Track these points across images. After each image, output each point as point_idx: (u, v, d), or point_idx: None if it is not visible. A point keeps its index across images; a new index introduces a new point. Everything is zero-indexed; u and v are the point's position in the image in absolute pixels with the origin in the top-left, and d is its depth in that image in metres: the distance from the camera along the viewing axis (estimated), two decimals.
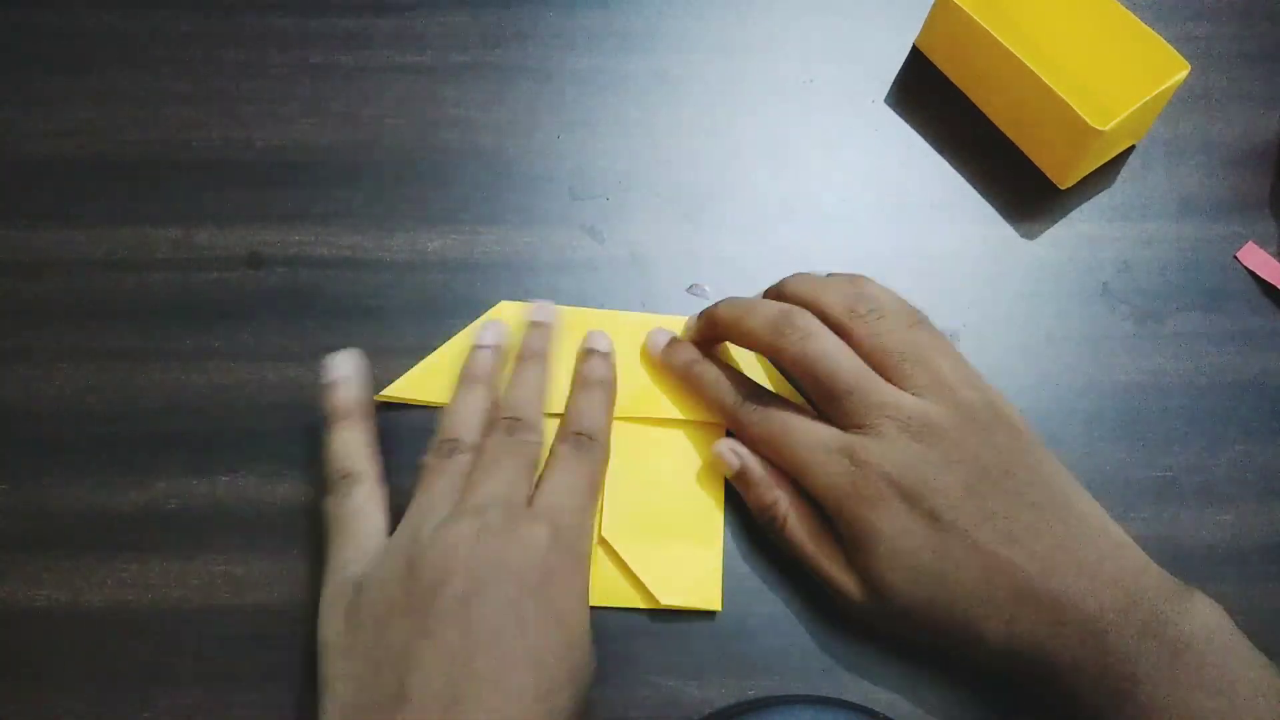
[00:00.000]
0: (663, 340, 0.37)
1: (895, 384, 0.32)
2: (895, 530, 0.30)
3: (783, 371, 0.36)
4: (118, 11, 0.43)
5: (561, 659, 0.28)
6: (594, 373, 0.36)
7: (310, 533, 0.35)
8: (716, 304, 0.36)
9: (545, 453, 0.34)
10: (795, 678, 0.34)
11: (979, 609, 0.30)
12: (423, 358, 0.37)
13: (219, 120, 0.41)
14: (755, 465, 0.34)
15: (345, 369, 0.34)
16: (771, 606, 0.34)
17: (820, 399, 0.33)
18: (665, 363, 0.37)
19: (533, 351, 0.36)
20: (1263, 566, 0.36)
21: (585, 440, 0.33)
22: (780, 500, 0.33)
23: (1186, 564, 0.36)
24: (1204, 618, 0.28)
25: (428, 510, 0.30)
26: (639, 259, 0.40)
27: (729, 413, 0.35)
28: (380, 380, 0.37)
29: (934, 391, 0.32)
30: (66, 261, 0.39)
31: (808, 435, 0.32)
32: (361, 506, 0.32)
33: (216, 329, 0.38)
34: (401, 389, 0.36)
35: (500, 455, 0.32)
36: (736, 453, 0.34)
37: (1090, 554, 0.29)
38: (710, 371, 0.35)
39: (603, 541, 0.35)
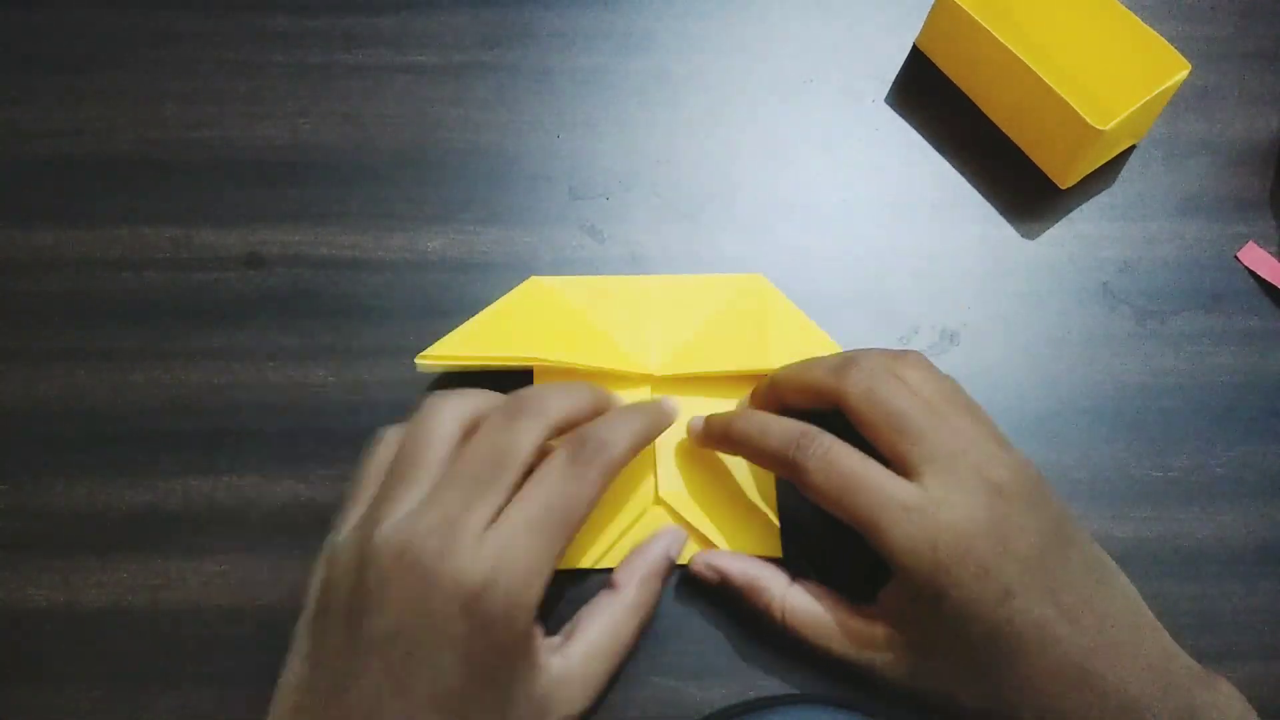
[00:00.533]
0: (698, 424, 0.35)
1: (929, 442, 0.30)
2: (964, 598, 0.28)
3: (850, 418, 0.32)
4: (118, 11, 0.43)
5: (477, 715, 0.27)
6: (643, 405, 0.33)
7: (310, 533, 0.35)
8: (771, 376, 0.34)
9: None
10: (795, 678, 0.34)
11: (1020, 689, 0.28)
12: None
13: (219, 120, 0.41)
14: (736, 569, 0.33)
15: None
16: None
17: (889, 441, 0.30)
18: (705, 437, 0.34)
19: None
20: (1263, 566, 0.36)
21: (584, 456, 0.29)
22: (772, 596, 0.32)
23: (1187, 564, 0.36)
24: (1230, 706, 0.28)
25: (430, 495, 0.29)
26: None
27: (785, 458, 0.31)
28: (383, 381, 0.37)
29: (992, 447, 0.30)
30: (66, 261, 0.39)
31: (881, 489, 0.29)
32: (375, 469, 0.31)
33: (216, 329, 0.38)
34: (440, 349, 0.36)
35: (477, 457, 0.29)
36: (711, 566, 0.33)
37: (1130, 635, 0.29)
38: (753, 421, 0.32)
39: (660, 500, 0.35)
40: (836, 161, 0.42)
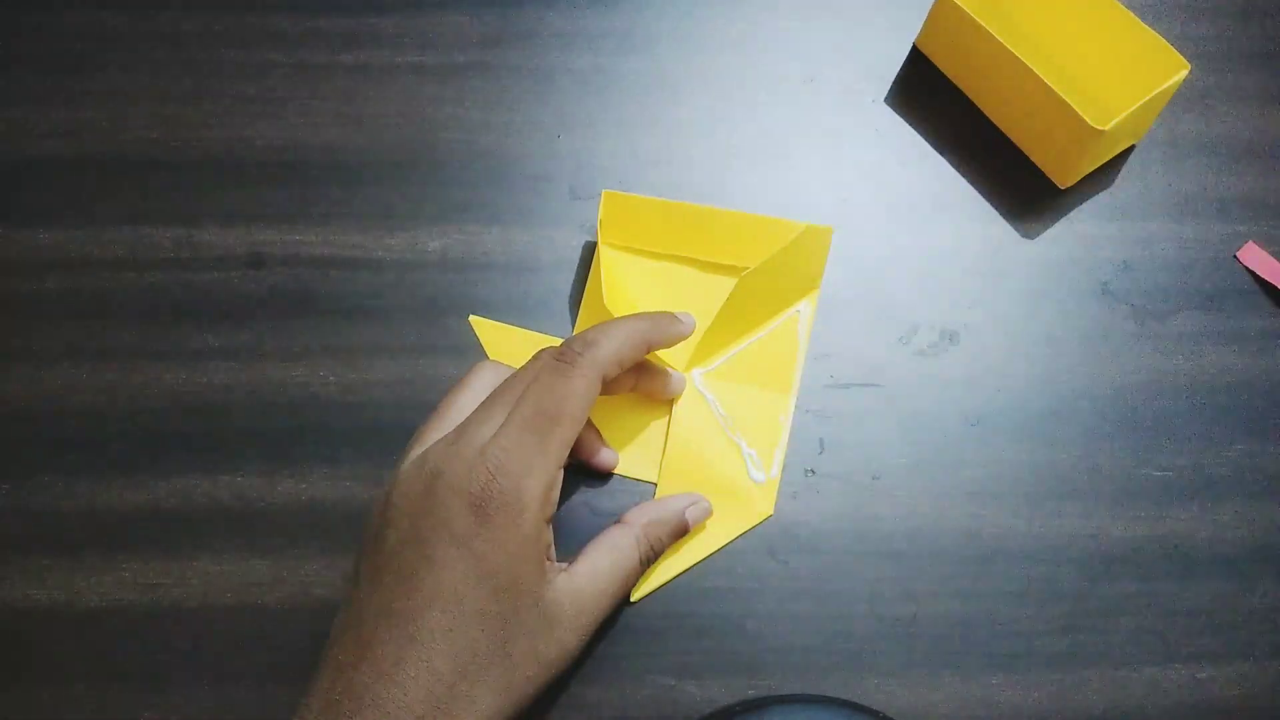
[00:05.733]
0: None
1: None
2: None
3: None
4: (118, 11, 0.43)
5: (481, 611, 0.28)
6: (650, 313, 0.34)
7: (310, 532, 0.35)
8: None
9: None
10: (795, 678, 0.34)
11: None
12: (423, 357, 0.37)
13: (219, 120, 0.41)
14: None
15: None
16: (771, 606, 0.34)
17: None
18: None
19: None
20: (1262, 566, 0.36)
21: (569, 354, 0.30)
22: None
23: (1186, 564, 0.36)
24: None
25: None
26: None
27: None
28: (383, 381, 0.37)
29: None
30: (66, 261, 0.39)
31: None
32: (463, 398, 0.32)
33: (217, 329, 0.38)
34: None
35: (500, 390, 0.31)
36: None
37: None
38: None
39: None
40: (836, 161, 0.42)
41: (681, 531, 0.34)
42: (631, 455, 0.36)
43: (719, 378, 0.37)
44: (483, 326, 0.38)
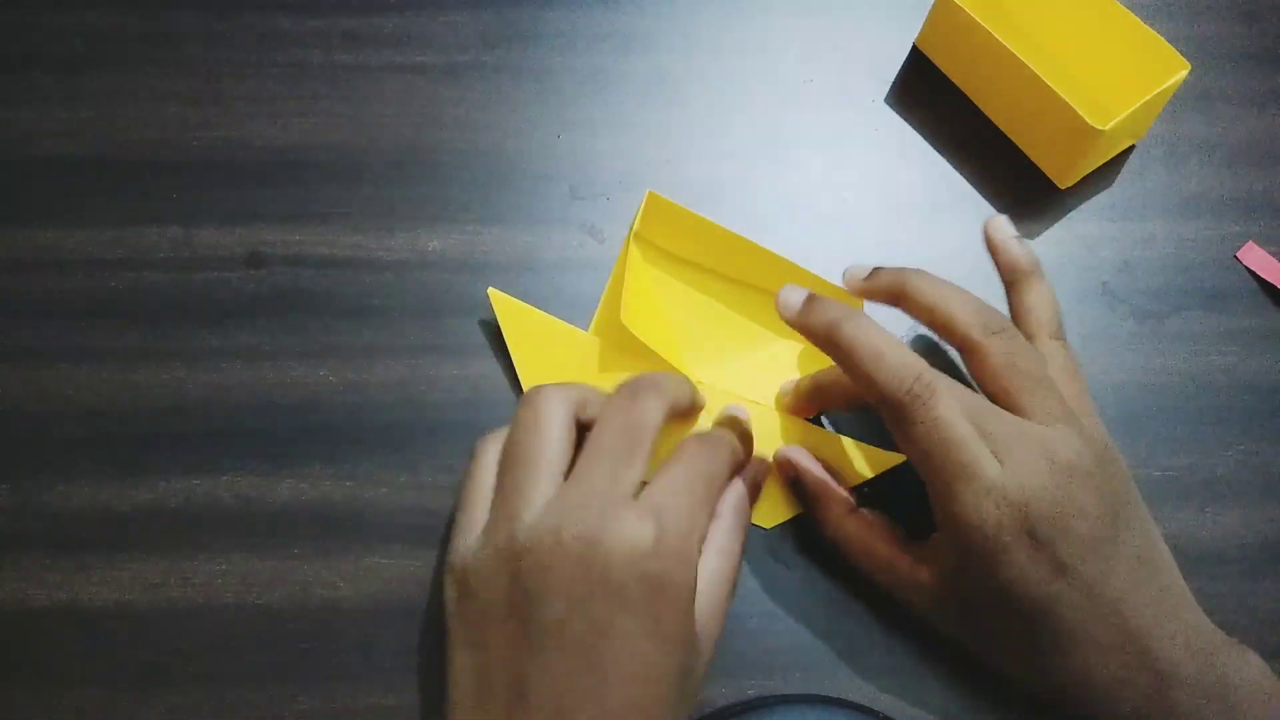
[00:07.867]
0: (797, 299, 0.33)
1: (1022, 410, 0.31)
2: (1016, 575, 0.29)
3: (973, 368, 0.32)
4: (117, 11, 0.43)
5: (665, 672, 0.27)
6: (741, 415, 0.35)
7: (310, 532, 0.35)
8: (904, 270, 0.34)
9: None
10: (795, 678, 0.34)
11: (1061, 661, 0.30)
12: (423, 357, 0.37)
13: (219, 120, 0.41)
14: (811, 476, 0.34)
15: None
16: (772, 606, 0.34)
17: (1000, 402, 0.31)
18: (804, 324, 0.32)
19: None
20: (1263, 566, 0.36)
21: (715, 435, 0.31)
22: (831, 514, 0.34)
23: (1186, 564, 0.36)
24: (1259, 678, 0.30)
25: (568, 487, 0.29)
26: None
27: (895, 397, 0.30)
28: (383, 381, 0.37)
29: (1065, 422, 0.30)
30: (66, 261, 0.39)
31: (972, 464, 0.29)
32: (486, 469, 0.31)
33: (217, 329, 0.38)
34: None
35: (611, 434, 0.29)
36: (790, 460, 0.35)
37: (1170, 613, 0.30)
38: (870, 336, 0.30)
39: None
40: (836, 161, 0.42)
41: (756, 490, 0.34)
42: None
43: (727, 393, 0.37)
44: (502, 303, 0.37)
